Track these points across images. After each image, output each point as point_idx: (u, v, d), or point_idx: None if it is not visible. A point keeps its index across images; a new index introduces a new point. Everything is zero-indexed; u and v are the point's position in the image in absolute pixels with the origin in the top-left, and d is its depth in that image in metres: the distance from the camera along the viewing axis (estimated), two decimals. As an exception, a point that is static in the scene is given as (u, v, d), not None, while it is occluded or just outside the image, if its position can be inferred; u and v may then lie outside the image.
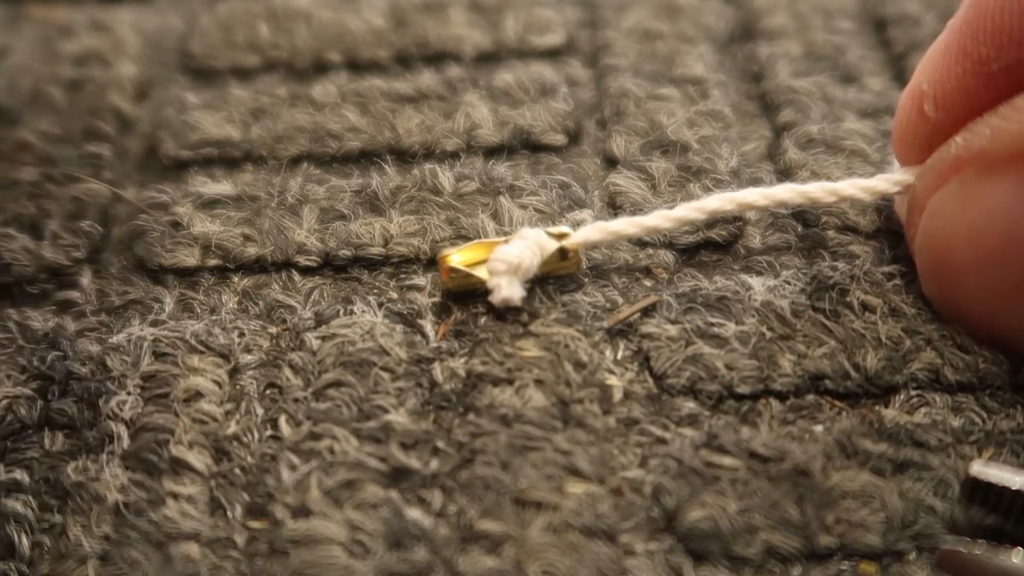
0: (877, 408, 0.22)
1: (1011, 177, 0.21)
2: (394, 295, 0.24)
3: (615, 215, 0.26)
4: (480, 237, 0.25)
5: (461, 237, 0.25)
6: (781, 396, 0.22)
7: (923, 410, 0.22)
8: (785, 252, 0.25)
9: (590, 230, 0.24)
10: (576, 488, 0.20)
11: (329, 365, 0.22)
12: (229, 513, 0.20)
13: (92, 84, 0.30)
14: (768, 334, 0.23)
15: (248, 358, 0.23)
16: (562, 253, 0.23)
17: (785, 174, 0.27)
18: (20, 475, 0.21)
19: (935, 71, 0.22)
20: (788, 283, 0.24)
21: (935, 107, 0.22)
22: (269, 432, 0.22)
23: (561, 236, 0.23)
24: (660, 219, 0.23)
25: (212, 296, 0.24)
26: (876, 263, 0.24)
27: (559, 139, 0.28)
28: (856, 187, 0.23)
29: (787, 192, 0.23)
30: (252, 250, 0.25)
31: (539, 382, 0.22)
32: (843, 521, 0.20)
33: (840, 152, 0.27)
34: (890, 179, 0.24)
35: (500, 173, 0.27)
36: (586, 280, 0.24)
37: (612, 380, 0.22)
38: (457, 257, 0.23)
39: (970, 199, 0.22)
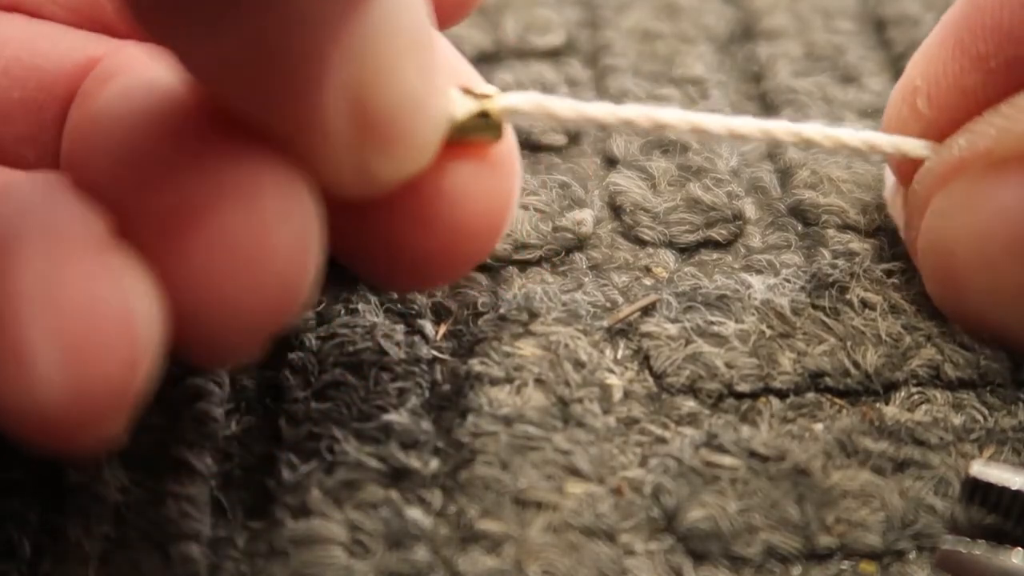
0: (877, 406, 0.22)
1: (1019, 178, 0.21)
2: (394, 295, 0.24)
3: (615, 215, 0.26)
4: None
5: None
6: (781, 394, 0.22)
7: (924, 407, 0.22)
8: (785, 250, 0.25)
9: (519, 97, 0.21)
10: (576, 488, 0.20)
11: (329, 365, 0.22)
12: (229, 513, 0.20)
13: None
14: (768, 332, 0.23)
15: (248, 358, 0.23)
16: (483, 115, 0.20)
17: (785, 173, 0.27)
18: (21, 475, 0.21)
19: (930, 66, 0.22)
20: (788, 281, 0.24)
21: (929, 104, 0.22)
22: (269, 432, 0.21)
23: (483, 97, 0.21)
24: (604, 112, 0.21)
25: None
26: (876, 260, 0.24)
27: (559, 139, 0.28)
28: (861, 139, 0.22)
29: (783, 131, 0.22)
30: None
31: (539, 382, 0.22)
32: (843, 521, 0.20)
33: (840, 152, 0.27)
34: (898, 142, 0.22)
35: (500, 173, 0.27)
36: (586, 280, 0.24)
37: (612, 379, 0.22)
38: None
39: (977, 200, 0.21)
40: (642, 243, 0.25)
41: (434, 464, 0.21)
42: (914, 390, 0.22)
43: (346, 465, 0.21)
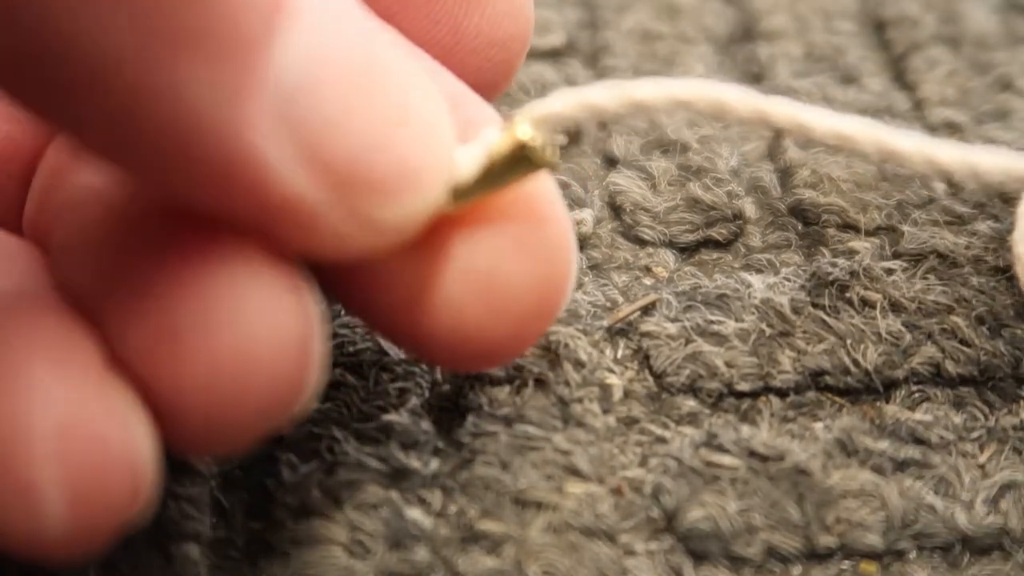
0: (878, 404, 0.22)
1: None
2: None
3: (615, 214, 0.26)
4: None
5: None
6: (781, 393, 0.22)
7: (924, 406, 0.22)
8: (785, 250, 0.25)
9: (554, 103, 0.18)
10: (576, 488, 0.20)
11: (329, 365, 0.22)
12: (229, 513, 0.20)
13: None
14: (768, 331, 0.23)
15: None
16: (521, 151, 0.18)
17: (785, 173, 0.27)
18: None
19: None
20: (788, 280, 0.24)
21: None
22: (269, 432, 0.22)
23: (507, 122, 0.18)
24: (655, 95, 0.19)
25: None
26: (876, 259, 0.24)
27: (559, 139, 0.28)
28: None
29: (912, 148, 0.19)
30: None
31: (539, 382, 0.22)
32: (843, 520, 0.20)
33: (840, 151, 0.27)
34: None
35: (500, 173, 0.27)
36: (586, 279, 0.24)
37: (612, 379, 0.22)
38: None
39: None
40: (642, 243, 0.25)
41: (434, 464, 0.21)
42: (914, 388, 0.22)
43: (346, 465, 0.21)
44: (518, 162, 0.18)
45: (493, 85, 0.22)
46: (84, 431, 0.16)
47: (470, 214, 0.18)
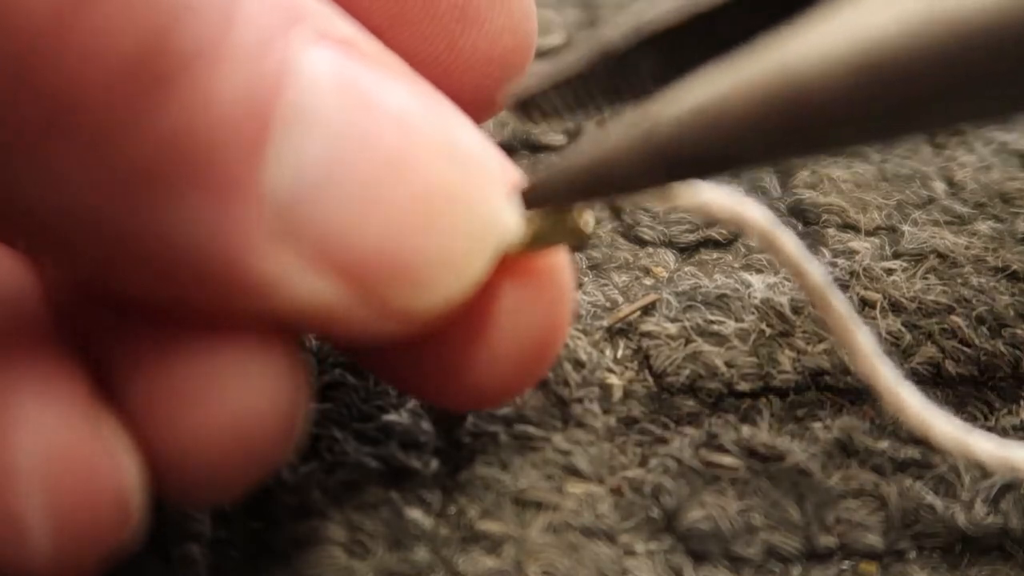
0: (878, 404, 0.22)
1: None
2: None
3: (615, 214, 0.26)
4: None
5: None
6: (781, 393, 0.22)
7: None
8: (785, 250, 0.25)
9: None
10: (576, 488, 0.20)
11: (329, 365, 0.22)
12: (229, 514, 0.20)
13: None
14: (768, 331, 0.23)
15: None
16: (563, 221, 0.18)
17: (785, 173, 0.27)
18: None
19: None
20: (788, 280, 0.24)
21: None
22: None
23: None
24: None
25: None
26: (876, 259, 0.24)
27: (559, 139, 0.28)
28: None
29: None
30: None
31: (539, 382, 0.22)
32: (843, 521, 0.20)
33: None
34: None
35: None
36: (586, 279, 0.24)
37: (612, 379, 0.22)
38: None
39: None
40: (642, 243, 0.25)
41: (434, 464, 0.21)
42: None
43: (346, 465, 0.21)
44: (558, 232, 0.18)
45: (493, 101, 0.21)
46: (70, 459, 0.16)
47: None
